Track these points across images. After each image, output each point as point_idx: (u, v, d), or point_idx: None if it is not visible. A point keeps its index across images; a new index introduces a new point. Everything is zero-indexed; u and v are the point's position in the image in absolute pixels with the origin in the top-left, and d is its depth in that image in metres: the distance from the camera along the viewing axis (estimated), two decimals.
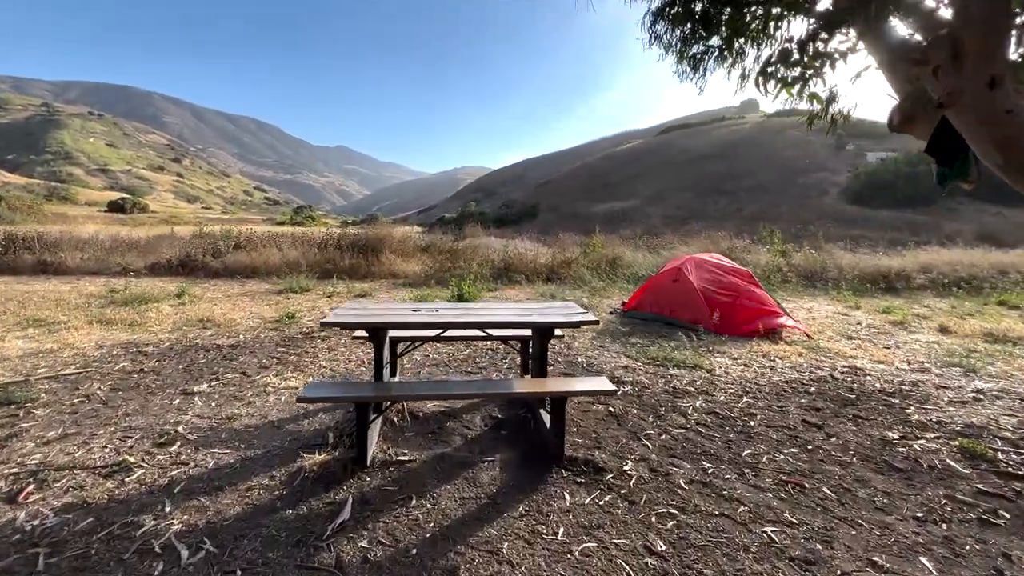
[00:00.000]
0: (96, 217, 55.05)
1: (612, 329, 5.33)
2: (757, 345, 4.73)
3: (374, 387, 2.41)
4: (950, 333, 5.64)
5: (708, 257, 6.08)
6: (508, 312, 2.79)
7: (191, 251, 10.10)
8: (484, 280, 8.89)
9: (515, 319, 2.60)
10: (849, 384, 3.65)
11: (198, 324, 5.18)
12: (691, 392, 3.38)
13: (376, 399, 2.18)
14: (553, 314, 2.74)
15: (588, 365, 3.97)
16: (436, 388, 2.37)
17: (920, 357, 4.52)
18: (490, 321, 2.56)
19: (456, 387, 2.39)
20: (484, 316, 2.67)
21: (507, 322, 2.56)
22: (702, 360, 4.09)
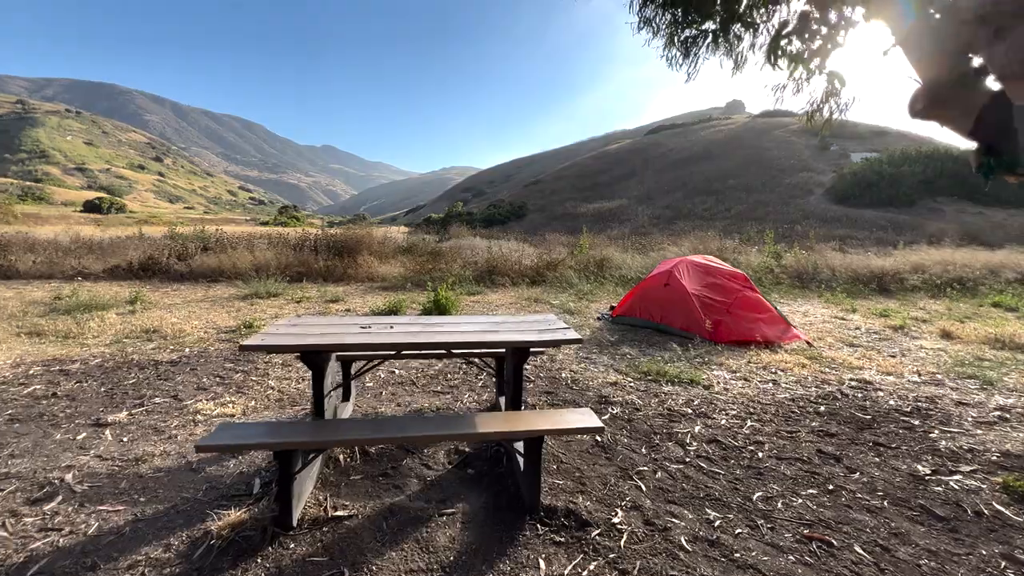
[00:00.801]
0: (70, 217, 53.41)
1: (600, 338, 4.93)
2: (756, 355, 4.36)
3: (306, 428, 1.95)
4: (954, 339, 5.35)
5: (701, 259, 5.71)
6: (476, 328, 2.36)
7: (154, 253, 9.48)
8: (466, 283, 8.45)
9: (482, 338, 2.17)
10: (861, 401, 3.29)
11: (142, 335, 4.66)
12: (688, 414, 2.98)
13: (302, 446, 1.73)
14: (528, 330, 2.32)
15: (573, 382, 3.55)
16: (382, 429, 1.93)
17: (930, 367, 4.19)
18: (453, 341, 2.12)
19: (408, 426, 1.95)
20: (446, 334, 2.23)
21: (473, 342, 2.12)
22: (698, 374, 3.70)
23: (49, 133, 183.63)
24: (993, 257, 11.28)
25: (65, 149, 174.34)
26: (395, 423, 2.00)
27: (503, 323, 2.49)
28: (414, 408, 3.00)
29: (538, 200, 50.22)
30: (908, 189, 28.99)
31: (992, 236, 19.65)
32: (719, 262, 5.76)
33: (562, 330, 2.32)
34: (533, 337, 2.21)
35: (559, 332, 2.28)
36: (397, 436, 1.85)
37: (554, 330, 2.31)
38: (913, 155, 31.99)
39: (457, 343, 2.12)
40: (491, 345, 2.16)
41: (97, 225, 29.59)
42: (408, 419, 2.00)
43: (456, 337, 2.18)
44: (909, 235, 19.69)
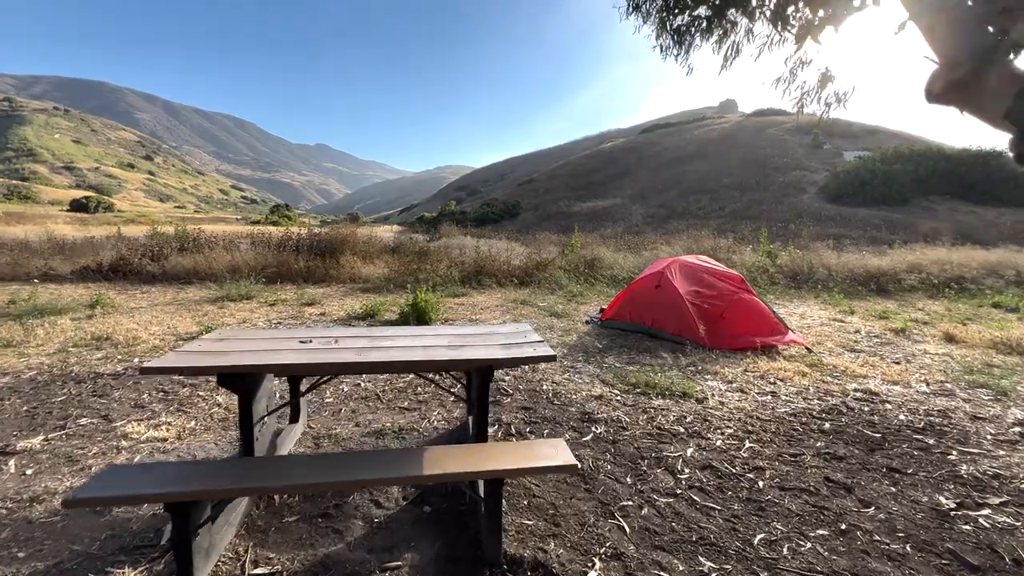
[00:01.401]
0: (55, 216, 52.51)
1: (586, 344, 4.62)
2: (752, 362, 4.08)
3: (216, 471, 1.61)
4: (958, 343, 5.10)
5: (694, 260, 5.42)
6: (434, 344, 2.04)
7: (126, 254, 9.07)
8: (451, 284, 8.12)
9: (440, 355, 1.85)
10: (868, 416, 3.00)
11: (91, 343, 4.29)
12: (680, 434, 2.68)
13: (204, 495, 1.41)
14: (495, 345, 2.00)
15: (554, 396, 3.24)
16: (313, 472, 1.58)
17: (937, 375, 3.93)
18: (404, 360, 1.80)
19: (345, 467, 1.61)
20: (399, 351, 1.91)
21: (428, 360, 1.80)
22: (691, 385, 3.40)
23: (37, 131, 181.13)
24: (990, 256, 11.11)
25: (53, 147, 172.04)
26: (332, 462, 1.67)
27: (469, 336, 2.17)
28: (374, 429, 2.67)
29: (532, 199, 49.92)
30: (901, 187, 28.92)
31: (985, 235, 19.57)
32: (713, 262, 5.48)
33: (534, 344, 2.01)
34: (499, 354, 1.89)
35: (530, 347, 1.97)
36: (326, 482, 1.52)
37: (525, 345, 2.00)
38: (906, 153, 31.96)
39: (409, 363, 1.80)
40: (450, 364, 1.84)
41: (81, 224, 28.95)
42: (348, 457, 1.67)
43: (410, 355, 1.86)
44: (903, 234, 19.57)
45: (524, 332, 2.22)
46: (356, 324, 5.43)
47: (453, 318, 5.81)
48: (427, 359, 1.81)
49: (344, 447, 2.45)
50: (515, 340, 2.07)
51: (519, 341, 2.06)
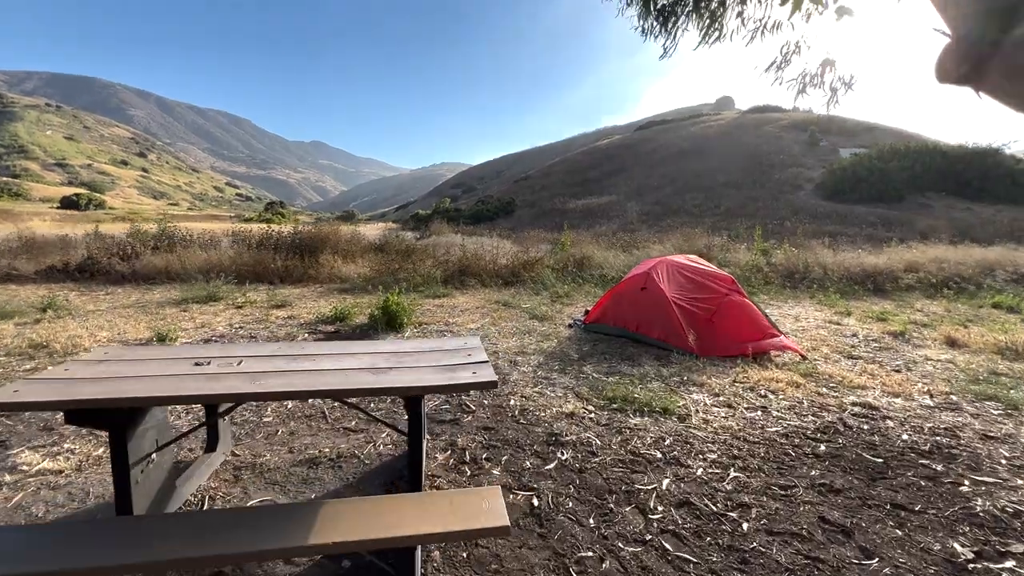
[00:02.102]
0: (45, 214, 51.84)
1: (565, 351, 4.30)
2: (742, 370, 3.77)
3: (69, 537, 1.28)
4: (960, 347, 4.81)
5: (683, 260, 5.11)
6: (359, 365, 1.71)
7: (95, 253, 8.69)
8: (433, 285, 7.78)
9: (360, 382, 1.52)
10: (868, 436, 2.69)
11: (25, 353, 3.94)
12: (656, 460, 2.37)
13: None
14: (430, 367, 1.68)
15: (521, 413, 2.92)
16: (189, 545, 1.24)
17: (940, 385, 3.63)
18: (316, 390, 1.48)
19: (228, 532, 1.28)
20: (314, 376, 1.59)
21: (344, 389, 1.48)
22: (673, 400, 3.09)
23: (28, 127, 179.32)
24: (988, 255, 10.85)
25: (45, 144, 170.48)
26: (222, 521, 1.34)
27: (405, 355, 1.85)
28: (308, 457, 2.34)
29: (527, 196, 49.57)
30: (898, 185, 28.72)
31: (982, 232, 19.35)
32: (703, 262, 5.16)
33: (476, 366, 1.69)
34: (431, 379, 1.57)
35: (469, 371, 1.64)
36: (197, 556, 1.19)
37: (463, 367, 1.68)
38: (902, 150, 31.77)
39: (317, 391, 1.48)
40: (370, 392, 1.52)
41: (71, 221, 28.39)
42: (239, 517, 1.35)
43: (327, 381, 1.53)
44: (899, 231, 19.35)
45: (469, 349, 1.89)
46: (323, 328, 5.09)
47: (428, 322, 5.48)
48: (341, 387, 1.49)
49: (267, 480, 2.13)
50: (455, 360, 1.75)
51: (459, 362, 1.73)
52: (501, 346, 4.46)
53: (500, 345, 4.49)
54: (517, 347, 4.42)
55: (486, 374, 1.60)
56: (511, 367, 3.82)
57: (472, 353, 1.84)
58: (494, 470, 2.25)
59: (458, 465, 2.29)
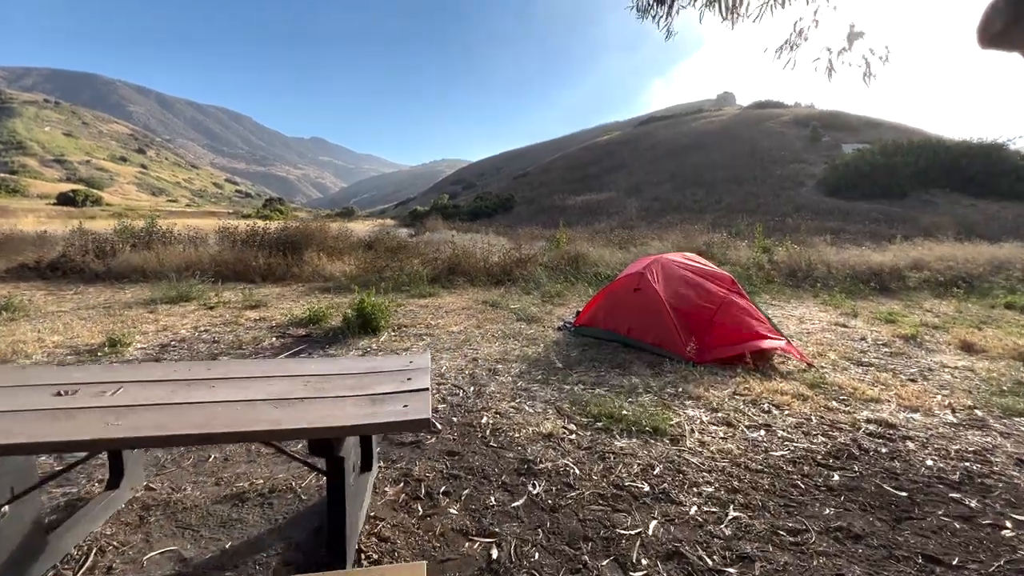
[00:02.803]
0: (40, 210, 51.52)
1: (550, 358, 3.96)
2: (743, 381, 3.43)
3: None
4: (977, 352, 4.47)
5: (679, 258, 4.76)
6: (269, 392, 1.37)
7: (69, 250, 8.35)
8: (420, 283, 7.43)
9: (256, 420, 1.18)
10: (888, 462, 2.35)
11: None
12: (643, 495, 2.03)
13: None
14: (352, 398, 1.33)
15: (493, 434, 2.58)
16: None
17: (962, 396, 3.29)
18: (193, 434, 1.14)
19: None
20: (197, 410, 1.24)
21: (233, 432, 1.14)
22: (666, 417, 2.74)
23: (26, 124, 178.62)
24: (998, 252, 10.48)
25: (43, 140, 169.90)
26: None
27: (328, 378, 1.50)
28: (236, 491, 2.00)
29: (527, 192, 49.18)
30: (901, 181, 28.29)
31: (987, 228, 18.99)
32: (701, 261, 4.81)
33: (411, 397, 1.34)
34: (348, 417, 1.23)
35: (401, 402, 1.30)
36: None
37: (395, 398, 1.33)
38: (905, 146, 31.32)
39: (201, 437, 1.13)
40: (265, 435, 1.18)
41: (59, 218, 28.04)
42: None
43: (214, 419, 1.19)
44: (903, 228, 18.99)
45: (411, 372, 1.55)
46: (293, 331, 4.75)
47: (408, 324, 5.14)
48: (228, 429, 1.15)
49: (179, 524, 1.79)
50: (388, 387, 1.41)
51: (393, 389, 1.39)
52: (482, 352, 4.12)
53: (481, 351, 4.15)
54: (499, 353, 4.08)
55: (418, 409, 1.26)
56: (489, 377, 3.48)
57: (413, 377, 1.49)
58: (451, 508, 1.91)
59: (409, 502, 1.95)
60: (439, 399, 3.05)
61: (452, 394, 3.14)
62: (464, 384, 3.32)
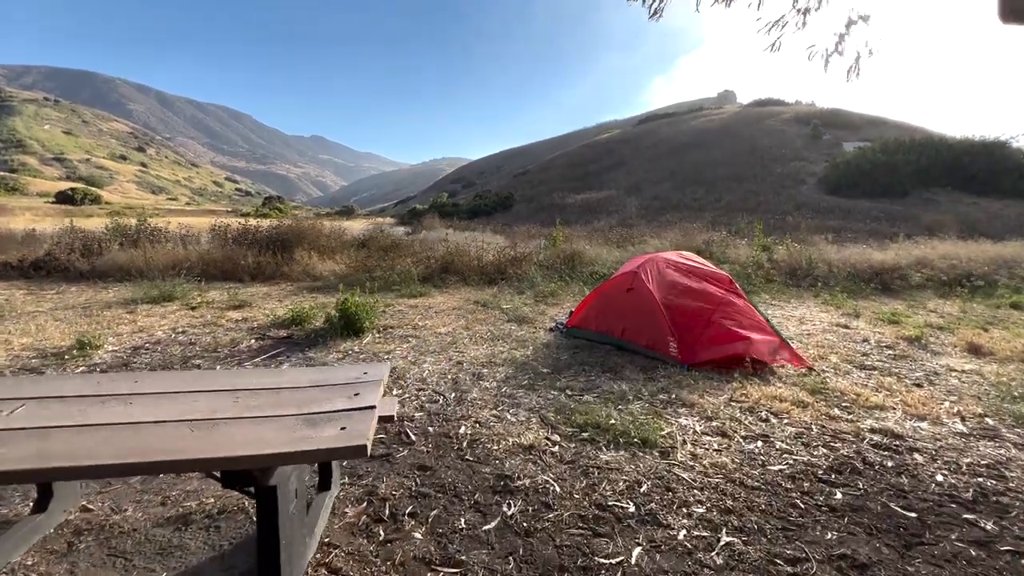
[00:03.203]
0: (38, 208, 51.40)
1: (539, 362, 3.79)
2: (740, 386, 3.25)
3: None
4: (985, 355, 4.29)
5: (675, 257, 4.58)
6: (191, 410, 1.19)
7: (53, 249, 8.18)
8: (411, 283, 7.25)
9: (164, 448, 1.01)
10: (895, 477, 2.18)
11: None
12: (627, 516, 1.85)
13: None
14: (285, 415, 1.16)
15: (471, 445, 2.40)
16: None
17: (971, 404, 3.11)
18: (84, 466, 0.96)
19: None
20: (100, 434, 1.07)
21: (134, 463, 0.96)
22: (657, 426, 2.57)
23: (26, 122, 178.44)
24: (1003, 251, 10.28)
25: (43, 139, 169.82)
26: None
27: (263, 393, 1.33)
28: (182, 512, 1.82)
29: (526, 191, 49.00)
30: (902, 179, 28.06)
31: (991, 227, 18.81)
32: (698, 260, 4.63)
33: (352, 417, 1.17)
34: (272, 443, 1.05)
35: (339, 424, 1.12)
36: None
37: (334, 419, 1.16)
38: (907, 144, 31.09)
39: (91, 470, 0.96)
40: (175, 466, 1.00)
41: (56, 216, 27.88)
42: None
43: (116, 446, 1.01)
44: (905, 226, 18.78)
45: (361, 386, 1.38)
46: (275, 333, 4.58)
47: (394, 325, 4.96)
48: (127, 460, 0.97)
49: (111, 551, 1.61)
50: (329, 405, 1.23)
51: (335, 408, 1.22)
52: (468, 355, 3.94)
53: (467, 354, 3.98)
54: (486, 356, 3.91)
55: (357, 432, 1.09)
56: (473, 382, 3.30)
57: (361, 392, 1.32)
58: (416, 532, 1.74)
59: (371, 525, 1.77)
60: (417, 406, 2.87)
61: (432, 401, 2.97)
62: (445, 390, 3.15)
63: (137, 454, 0.99)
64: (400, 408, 2.82)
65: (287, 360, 3.74)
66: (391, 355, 3.93)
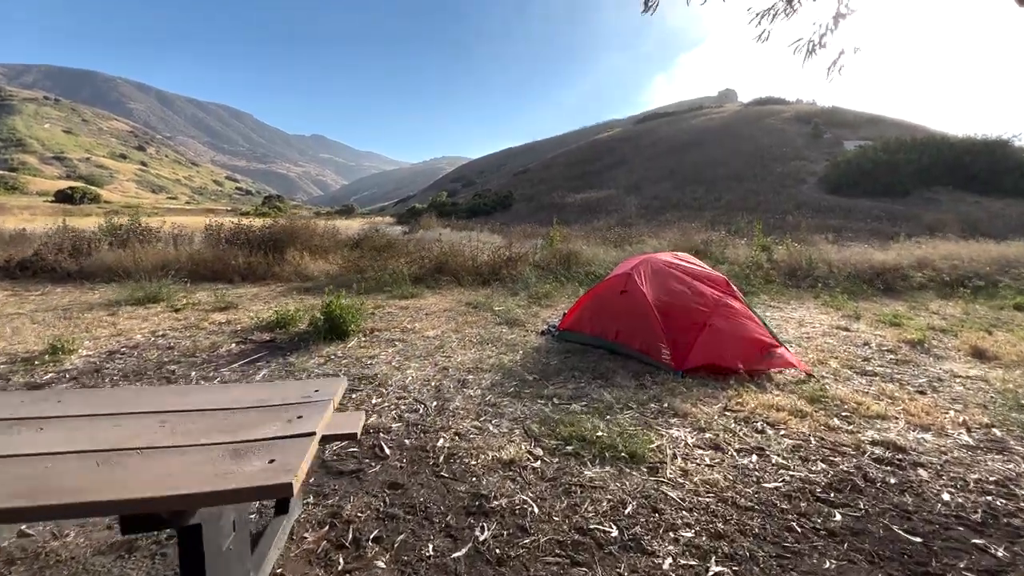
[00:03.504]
0: (36, 207, 51.36)
1: (528, 366, 3.65)
2: (735, 394, 3.12)
3: None
4: (989, 360, 4.16)
5: (670, 258, 4.44)
6: (101, 436, 1.05)
7: (41, 249, 8.05)
8: (403, 284, 7.11)
9: (52, 489, 0.87)
10: (898, 496, 2.04)
11: None
12: (609, 541, 1.72)
13: None
14: (211, 444, 1.02)
15: (448, 460, 2.26)
16: None
17: (977, 412, 2.98)
18: None
19: None
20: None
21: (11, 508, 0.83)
22: (645, 440, 2.43)
23: (26, 121, 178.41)
24: (1006, 251, 10.12)
25: (42, 137, 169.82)
26: None
27: (198, 415, 1.19)
28: (128, 537, 1.70)
29: (526, 190, 48.87)
30: (904, 178, 27.89)
31: (992, 226, 18.64)
32: (694, 261, 4.49)
33: (285, 446, 1.03)
34: (190, 481, 0.92)
35: (266, 456, 0.99)
36: None
37: (263, 448, 1.02)
38: (908, 143, 30.90)
39: None
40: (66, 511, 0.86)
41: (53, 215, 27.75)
42: None
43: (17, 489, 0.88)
44: (906, 226, 18.63)
45: (307, 406, 1.24)
46: (257, 336, 4.44)
47: (382, 328, 4.82)
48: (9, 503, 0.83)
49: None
50: (264, 432, 1.09)
51: (268, 436, 1.08)
52: (455, 360, 3.81)
53: (454, 359, 3.84)
54: (473, 361, 3.77)
55: (284, 467, 0.95)
56: (457, 389, 3.17)
57: (304, 416, 1.18)
58: (379, 560, 1.60)
59: (330, 552, 1.64)
60: (395, 416, 2.73)
61: (412, 410, 2.83)
62: (427, 398, 3.01)
63: (26, 495, 0.85)
64: (377, 419, 2.69)
65: (266, 366, 3.61)
66: (375, 360, 3.79)
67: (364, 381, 3.30)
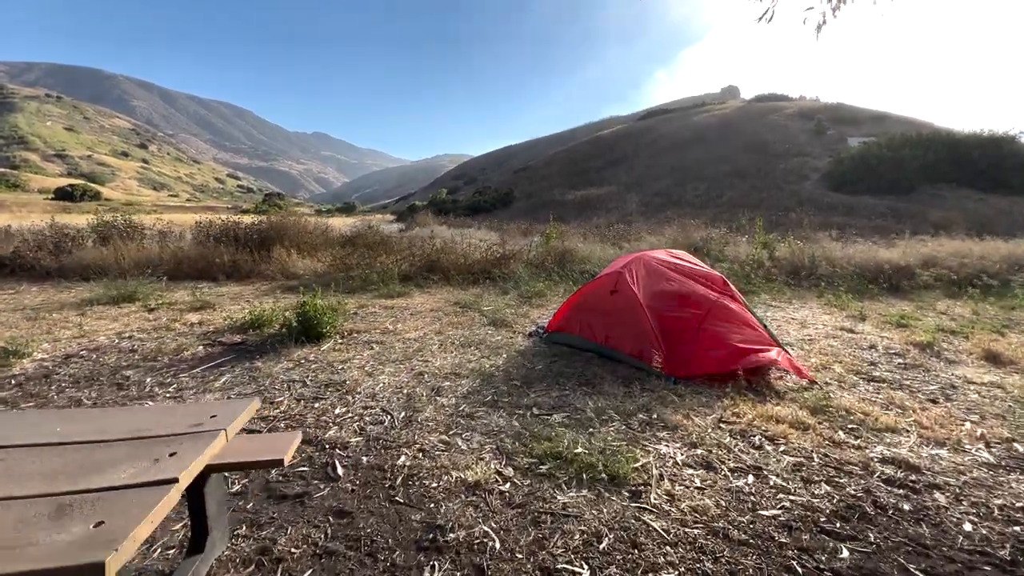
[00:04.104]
0: (35, 205, 51.32)
1: (511, 372, 3.40)
2: (731, 403, 2.86)
3: None
4: (1004, 364, 3.90)
5: (665, 256, 4.18)
6: None
7: (20, 247, 7.83)
8: (390, 282, 6.87)
9: None
10: (912, 527, 1.79)
11: None
12: None
13: None
14: (37, 493, 0.77)
15: (407, 482, 2.02)
16: None
17: (995, 424, 2.72)
18: None
19: None
20: None
21: None
22: (629, 457, 2.18)
23: (28, 118, 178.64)
24: (1016, 249, 9.83)
25: (44, 135, 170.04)
26: None
27: (32, 456, 0.95)
28: None
29: (526, 187, 48.57)
30: (908, 174, 27.48)
31: (999, 224, 18.30)
32: (690, 259, 4.24)
33: (133, 498, 0.79)
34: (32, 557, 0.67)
35: (96, 518, 0.74)
36: None
37: (101, 505, 0.78)
38: (913, 139, 30.46)
39: None
40: None
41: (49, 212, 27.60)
42: None
43: None
44: (911, 223, 18.28)
45: (189, 438, 0.99)
46: (228, 338, 4.20)
47: (362, 329, 4.58)
48: None
49: None
50: (112, 479, 0.85)
51: (112, 484, 0.83)
52: (433, 364, 3.56)
53: (432, 363, 3.60)
54: (452, 366, 3.53)
55: (106, 536, 0.71)
56: (429, 398, 2.92)
57: (180, 452, 0.94)
58: None
59: None
60: (356, 429, 2.49)
61: (376, 421, 2.59)
62: (395, 407, 2.77)
63: None
64: (336, 432, 2.45)
65: (229, 372, 3.37)
66: (347, 365, 3.55)
67: (331, 388, 3.06)
